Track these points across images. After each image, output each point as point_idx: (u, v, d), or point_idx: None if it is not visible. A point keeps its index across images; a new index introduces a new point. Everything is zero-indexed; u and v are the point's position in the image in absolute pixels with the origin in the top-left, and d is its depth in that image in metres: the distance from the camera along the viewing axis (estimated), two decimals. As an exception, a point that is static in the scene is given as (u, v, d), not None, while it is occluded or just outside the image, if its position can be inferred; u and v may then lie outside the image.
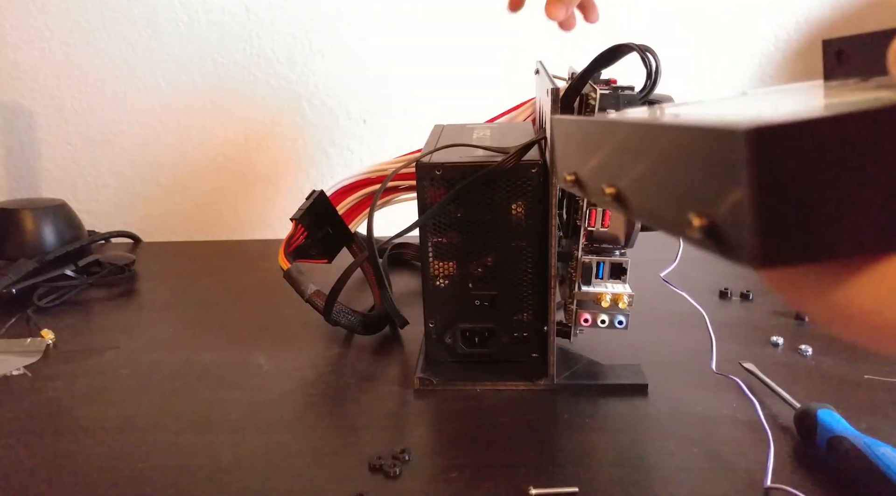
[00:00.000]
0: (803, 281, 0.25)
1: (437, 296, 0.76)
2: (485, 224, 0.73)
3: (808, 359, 0.79)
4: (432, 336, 0.77)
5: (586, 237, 0.70)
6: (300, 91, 1.36)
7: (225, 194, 1.42)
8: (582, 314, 0.72)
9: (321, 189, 0.88)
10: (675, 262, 0.82)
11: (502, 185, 0.71)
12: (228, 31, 1.34)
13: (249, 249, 1.29)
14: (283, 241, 0.84)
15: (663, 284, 0.79)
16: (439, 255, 0.75)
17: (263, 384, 0.77)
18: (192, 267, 1.19)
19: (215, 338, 0.89)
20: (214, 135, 1.38)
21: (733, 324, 0.89)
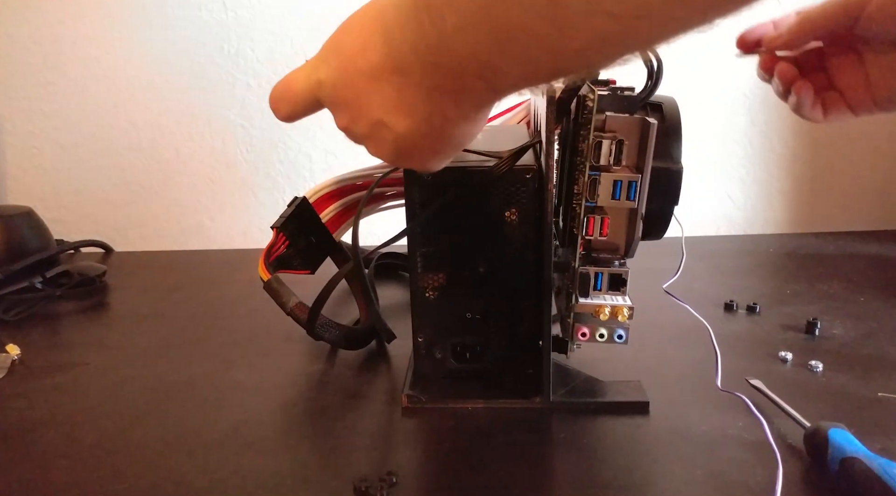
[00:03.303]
0: None
1: (427, 308, 0.76)
2: (477, 232, 0.73)
3: (819, 376, 0.79)
4: (421, 351, 0.77)
5: (584, 246, 0.70)
6: (281, 92, 1.35)
7: (202, 201, 1.41)
8: (579, 328, 0.72)
9: (304, 195, 0.88)
10: (678, 273, 0.82)
11: (495, 191, 0.71)
12: (205, 29, 1.33)
13: (228, 259, 1.29)
14: (264, 251, 0.84)
15: (665, 296, 0.79)
16: (428, 266, 0.74)
17: (242, 402, 0.77)
18: (167, 278, 1.19)
19: (191, 354, 0.89)
20: (190, 138, 1.38)
21: (739, 338, 0.89)
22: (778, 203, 1.44)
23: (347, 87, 0.53)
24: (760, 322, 0.93)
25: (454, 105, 0.49)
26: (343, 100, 0.54)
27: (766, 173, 1.42)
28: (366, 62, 0.51)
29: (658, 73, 0.63)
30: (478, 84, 0.46)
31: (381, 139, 0.53)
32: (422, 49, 0.46)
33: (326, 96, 0.56)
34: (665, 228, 0.71)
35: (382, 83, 0.50)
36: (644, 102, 0.65)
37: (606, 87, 0.68)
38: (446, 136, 0.52)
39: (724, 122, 1.39)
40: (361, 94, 0.52)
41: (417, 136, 0.51)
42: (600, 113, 0.64)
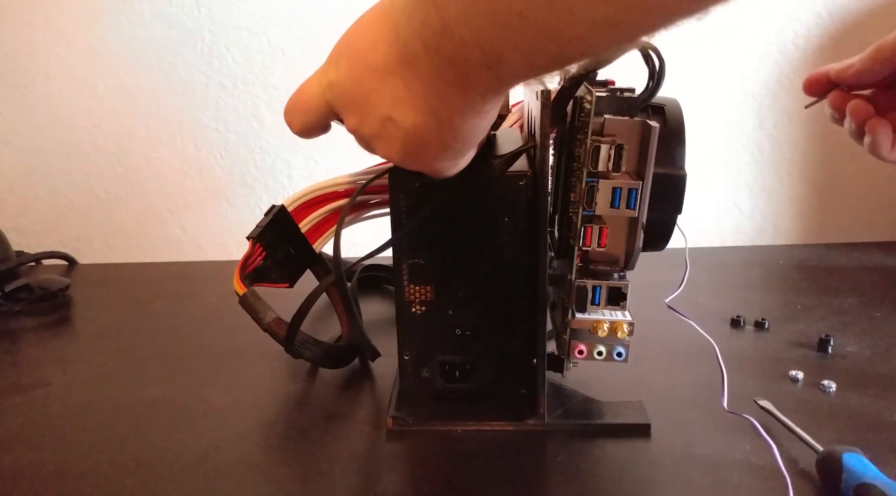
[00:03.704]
0: None
1: (413, 324, 0.76)
2: (466, 243, 0.73)
3: (832, 397, 0.79)
4: (407, 369, 0.77)
5: (581, 258, 0.70)
6: (258, 93, 1.36)
7: (173, 210, 1.41)
8: (576, 345, 0.72)
9: (282, 203, 0.87)
10: (681, 287, 0.82)
11: (487, 198, 0.71)
12: (176, 26, 1.33)
13: (201, 272, 1.29)
14: (239, 263, 0.83)
15: (668, 311, 0.79)
16: (415, 278, 0.74)
17: (216, 424, 0.77)
18: (135, 292, 1.19)
19: (161, 372, 0.89)
20: (161, 143, 1.38)
21: (747, 356, 0.89)
22: (788, 212, 1.44)
23: (357, 84, 0.55)
24: (769, 339, 0.94)
25: (461, 96, 0.50)
26: (353, 98, 0.56)
27: (776, 180, 1.42)
28: (375, 56, 0.53)
29: (660, 73, 0.63)
30: (483, 73, 0.47)
31: (389, 137, 0.55)
32: (427, 36, 0.48)
33: (337, 97, 0.58)
34: (667, 239, 0.71)
35: (391, 76, 0.53)
36: (645, 104, 0.65)
37: (605, 88, 0.68)
38: (454, 131, 0.53)
39: (731, 126, 1.40)
40: (371, 91, 0.54)
41: (425, 130, 0.53)
42: (598, 115, 0.64)
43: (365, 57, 0.54)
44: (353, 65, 0.56)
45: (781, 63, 1.34)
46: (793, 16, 1.32)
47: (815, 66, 1.32)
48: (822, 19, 1.32)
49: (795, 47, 1.33)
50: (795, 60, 1.35)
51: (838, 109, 0.83)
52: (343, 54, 0.57)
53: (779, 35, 1.33)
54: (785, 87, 1.36)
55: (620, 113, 0.64)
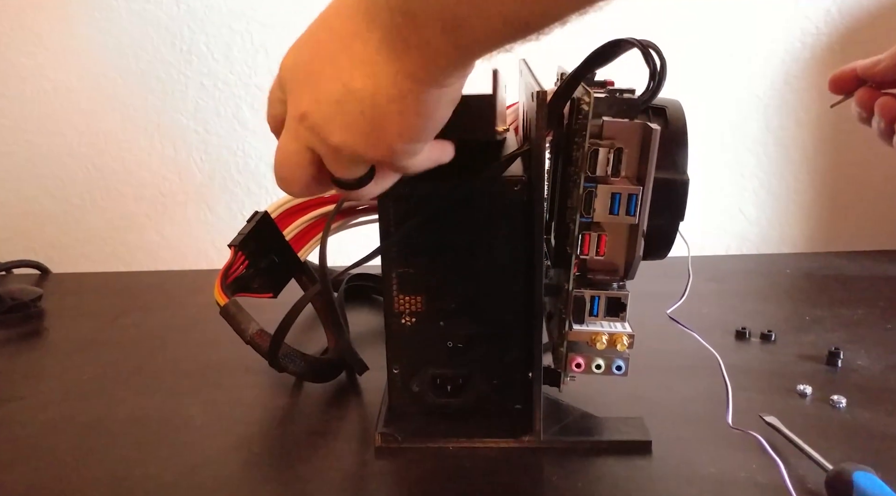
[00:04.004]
0: None
1: (403, 336, 0.76)
2: (458, 251, 0.73)
3: (842, 412, 0.79)
4: (397, 384, 0.77)
5: (578, 267, 0.70)
6: (240, 94, 1.36)
7: (151, 216, 1.41)
8: (574, 358, 0.72)
9: (265, 210, 0.88)
10: (684, 297, 0.82)
11: (480, 205, 0.71)
12: (154, 23, 1.33)
13: (180, 282, 1.29)
14: (220, 272, 0.83)
15: (670, 323, 0.79)
16: (405, 288, 0.75)
17: (196, 441, 0.77)
18: (111, 302, 1.18)
19: (138, 387, 0.89)
20: (138, 145, 1.38)
21: (752, 369, 0.89)
22: (796, 218, 1.44)
23: (316, 56, 0.55)
24: (776, 351, 0.94)
25: (421, 65, 0.51)
26: (309, 71, 0.56)
27: (783, 185, 1.43)
28: (339, 20, 0.54)
29: (661, 73, 0.63)
30: (442, 40, 0.48)
31: (347, 113, 0.54)
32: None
33: (289, 77, 0.58)
34: (669, 247, 0.71)
35: (352, 42, 0.53)
36: (646, 106, 0.65)
37: (604, 89, 0.68)
38: (417, 103, 0.53)
39: (735, 128, 1.40)
40: (329, 60, 0.54)
41: (385, 101, 0.53)
42: (597, 117, 0.64)
43: (329, 24, 0.55)
44: (316, 37, 0.56)
45: (788, 62, 1.35)
46: (800, 12, 1.33)
47: (824, 64, 1.33)
48: (831, 16, 1.32)
49: (803, 45, 1.34)
50: (803, 59, 1.35)
51: (866, 107, 0.83)
52: (305, 36, 0.58)
53: (786, 32, 1.33)
54: (792, 87, 1.37)
55: (620, 115, 0.64)
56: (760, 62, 1.36)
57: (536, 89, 0.66)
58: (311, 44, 0.56)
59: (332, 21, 0.55)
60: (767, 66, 1.36)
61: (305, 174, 0.59)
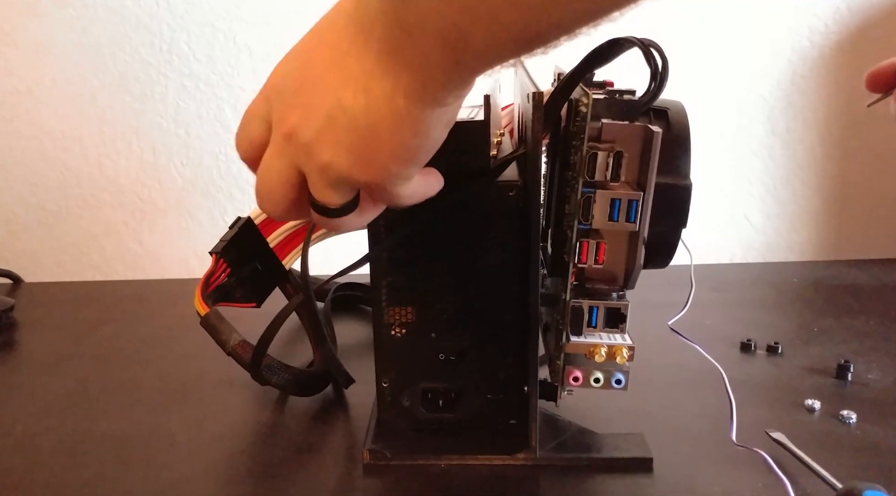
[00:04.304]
0: None
1: (392, 348, 0.76)
2: (451, 260, 0.73)
3: (852, 428, 0.79)
4: (386, 398, 0.77)
5: (576, 276, 0.70)
6: (223, 95, 1.36)
7: (129, 223, 1.41)
8: (571, 371, 0.72)
9: (248, 216, 0.88)
10: (686, 307, 0.82)
11: (473, 211, 0.71)
12: (132, 21, 1.33)
13: (159, 292, 1.28)
14: (201, 281, 0.83)
15: (672, 334, 0.79)
16: (395, 298, 0.74)
17: (176, 459, 0.76)
18: (87, 313, 1.18)
19: (115, 403, 0.88)
20: (115, 149, 1.38)
21: (758, 383, 0.89)
22: (803, 225, 1.44)
23: (307, 68, 0.55)
24: (783, 365, 0.94)
25: (418, 82, 0.50)
26: (300, 85, 0.55)
27: (789, 191, 1.43)
28: (332, 32, 0.54)
29: (663, 73, 0.63)
30: (441, 53, 0.47)
31: (338, 129, 0.53)
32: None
33: (283, 95, 0.56)
34: (671, 255, 0.71)
35: (345, 55, 0.52)
36: (647, 107, 0.65)
37: (603, 90, 0.68)
38: (412, 123, 0.52)
39: (740, 131, 1.40)
40: (321, 73, 0.53)
41: (379, 118, 0.52)
42: (595, 120, 0.64)
43: (322, 36, 0.54)
44: (307, 49, 0.55)
45: (795, 61, 1.35)
46: (808, 9, 1.33)
47: (833, 64, 1.33)
48: (840, 13, 1.33)
49: (811, 44, 1.34)
50: (811, 58, 1.35)
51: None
52: (296, 49, 0.57)
53: (792, 30, 1.34)
54: (799, 88, 1.37)
55: (620, 117, 0.65)
56: (766, 62, 1.36)
57: (532, 90, 0.66)
58: (303, 57, 0.56)
59: (325, 33, 0.54)
60: (774, 65, 1.36)
61: (287, 196, 0.58)
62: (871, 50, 1.32)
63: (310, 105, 0.54)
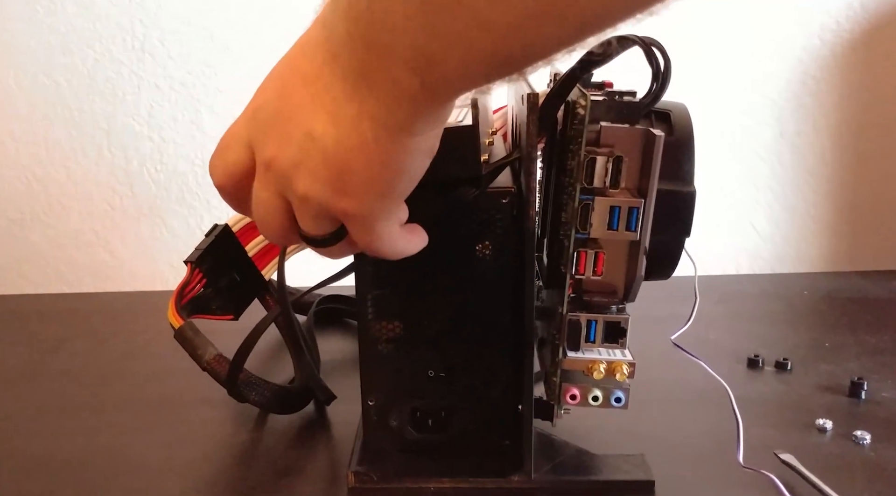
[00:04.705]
0: None
1: (379, 365, 0.75)
2: (441, 271, 0.73)
3: (866, 449, 0.79)
4: (372, 417, 0.77)
5: (573, 288, 0.70)
6: (199, 96, 1.36)
7: (99, 232, 1.41)
8: (568, 389, 0.72)
9: (225, 223, 0.87)
10: (690, 321, 0.82)
11: (464, 219, 0.71)
12: (102, 17, 1.33)
13: (131, 305, 1.28)
14: (175, 291, 0.83)
15: (675, 350, 0.79)
16: (381, 312, 0.74)
17: (147, 484, 0.76)
18: (53, 328, 1.18)
19: (83, 423, 0.88)
20: (84, 154, 1.37)
21: (766, 401, 0.89)
22: (814, 234, 1.45)
23: (281, 97, 0.55)
24: (792, 382, 0.94)
25: (386, 108, 0.50)
26: (275, 113, 0.56)
27: (799, 198, 1.43)
28: (304, 60, 0.54)
29: (665, 73, 0.63)
30: (409, 78, 0.48)
31: (311, 160, 0.54)
32: (352, 17, 0.48)
33: (259, 122, 0.57)
34: (674, 265, 0.71)
35: (317, 81, 0.53)
36: (648, 110, 0.66)
37: (602, 91, 0.68)
38: (382, 154, 0.53)
39: (747, 134, 1.40)
40: (295, 103, 0.54)
41: (347, 150, 0.52)
42: (594, 123, 0.64)
43: (293, 62, 0.55)
44: (281, 76, 0.56)
45: (806, 61, 1.35)
46: (819, 5, 1.33)
47: (845, 64, 1.34)
48: (853, 10, 1.33)
49: (822, 42, 1.34)
50: (822, 58, 1.35)
51: None
52: (272, 74, 0.58)
53: (802, 28, 1.34)
54: (810, 89, 1.37)
55: (619, 120, 0.65)
56: (775, 61, 1.37)
57: (527, 91, 0.66)
58: (276, 84, 0.56)
59: (296, 59, 0.55)
60: (783, 65, 1.37)
61: (282, 224, 0.59)
62: (886, 49, 1.32)
63: (285, 134, 0.55)
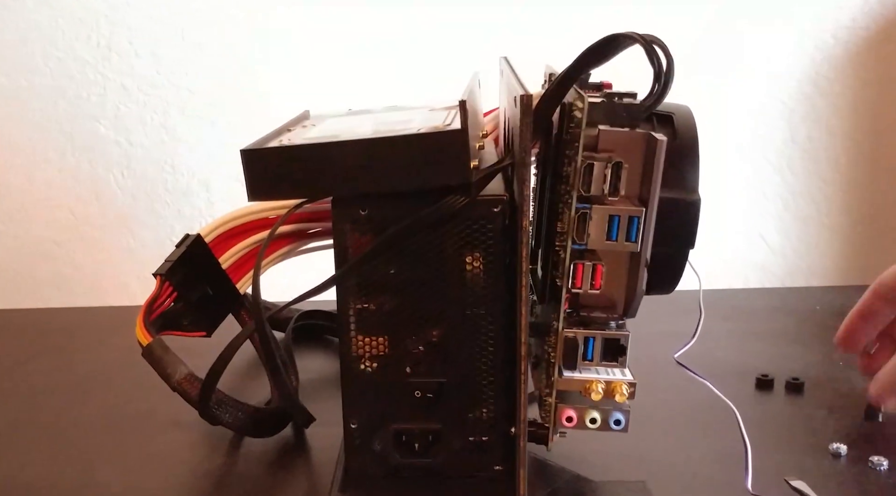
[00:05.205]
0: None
1: (362, 384, 0.75)
2: (428, 284, 0.73)
3: (882, 476, 0.79)
4: (355, 441, 0.77)
5: (570, 302, 0.70)
6: (169, 97, 1.36)
7: (62, 243, 1.41)
8: (564, 410, 0.72)
9: (198, 233, 0.87)
10: (695, 338, 0.82)
11: (453, 229, 0.71)
12: (66, 13, 1.33)
13: (97, 321, 1.28)
14: (143, 306, 0.83)
15: (678, 369, 0.79)
16: (365, 328, 0.74)
17: (112, 512, 0.76)
18: (14, 345, 1.18)
19: (43, 448, 0.88)
20: (47, 160, 1.37)
21: (776, 424, 0.89)
22: (827, 246, 1.45)
23: None
24: (804, 403, 0.94)
25: None
26: None
27: (812, 207, 1.43)
28: None
29: (668, 73, 0.63)
30: None
31: None
32: None
33: None
34: (677, 279, 0.71)
35: None
36: (649, 112, 0.66)
37: (600, 93, 0.69)
38: None
39: (756, 139, 1.41)
40: None
41: None
42: (592, 126, 0.64)
43: None
44: None
45: (818, 60, 1.36)
46: (832, 2, 1.33)
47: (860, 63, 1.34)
48: (870, 6, 1.33)
49: (836, 40, 1.35)
50: (835, 57, 1.36)
51: (869, 372, 0.89)
52: None
53: (815, 25, 1.34)
54: (822, 91, 1.38)
55: (619, 123, 0.65)
56: (785, 61, 1.37)
57: (520, 92, 0.66)
58: None
59: None
60: (794, 65, 1.37)
61: None
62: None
63: None
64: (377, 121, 0.80)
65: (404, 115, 0.82)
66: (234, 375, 0.81)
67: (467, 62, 1.12)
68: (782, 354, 1.07)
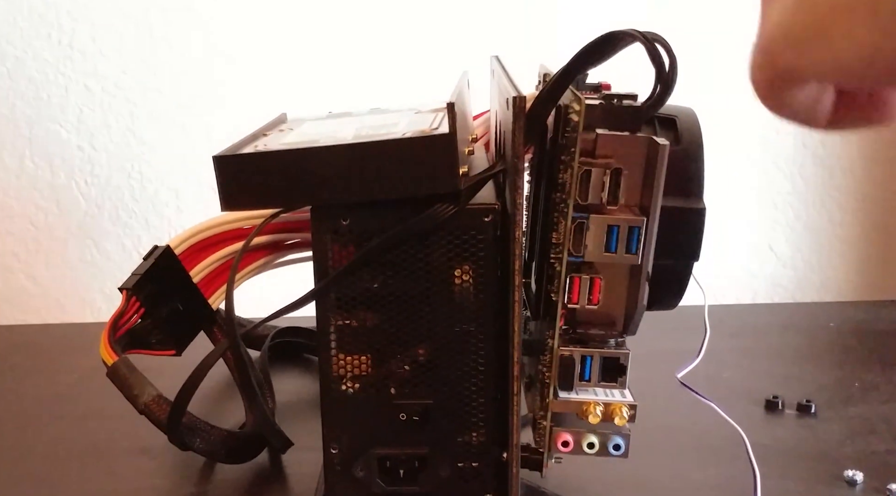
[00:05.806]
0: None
1: (343, 406, 0.75)
2: (414, 299, 0.73)
3: (900, 504, 0.80)
4: (335, 467, 0.77)
5: (566, 319, 0.70)
6: (135, 99, 1.36)
7: (20, 254, 1.40)
8: (560, 434, 0.72)
9: (167, 244, 0.87)
10: (700, 357, 0.82)
11: (440, 240, 0.71)
12: (24, 8, 1.33)
13: (58, 338, 1.28)
14: (108, 323, 0.83)
15: (682, 390, 0.79)
16: (346, 346, 0.74)
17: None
18: (-32, 365, 1.18)
19: (2, 474, 0.88)
20: (4, 166, 1.37)
21: (787, 450, 0.89)
22: (841, 258, 1.45)
23: None
24: (817, 427, 0.94)
25: None
26: None
27: (824, 217, 1.44)
28: None
29: (670, 74, 0.63)
30: None
31: None
32: None
33: None
34: (680, 294, 0.71)
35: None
36: (651, 115, 0.66)
37: (598, 94, 0.69)
38: None
39: (764, 144, 1.41)
40: None
41: None
42: (589, 130, 0.64)
43: None
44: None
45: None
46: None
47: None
48: None
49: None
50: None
51: None
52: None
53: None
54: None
55: (618, 127, 0.65)
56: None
57: (513, 94, 0.66)
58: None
59: None
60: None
61: None
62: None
63: None
64: (359, 124, 0.80)
65: (388, 118, 0.82)
66: (206, 397, 0.81)
67: (455, 61, 1.12)
68: (793, 374, 1.08)
